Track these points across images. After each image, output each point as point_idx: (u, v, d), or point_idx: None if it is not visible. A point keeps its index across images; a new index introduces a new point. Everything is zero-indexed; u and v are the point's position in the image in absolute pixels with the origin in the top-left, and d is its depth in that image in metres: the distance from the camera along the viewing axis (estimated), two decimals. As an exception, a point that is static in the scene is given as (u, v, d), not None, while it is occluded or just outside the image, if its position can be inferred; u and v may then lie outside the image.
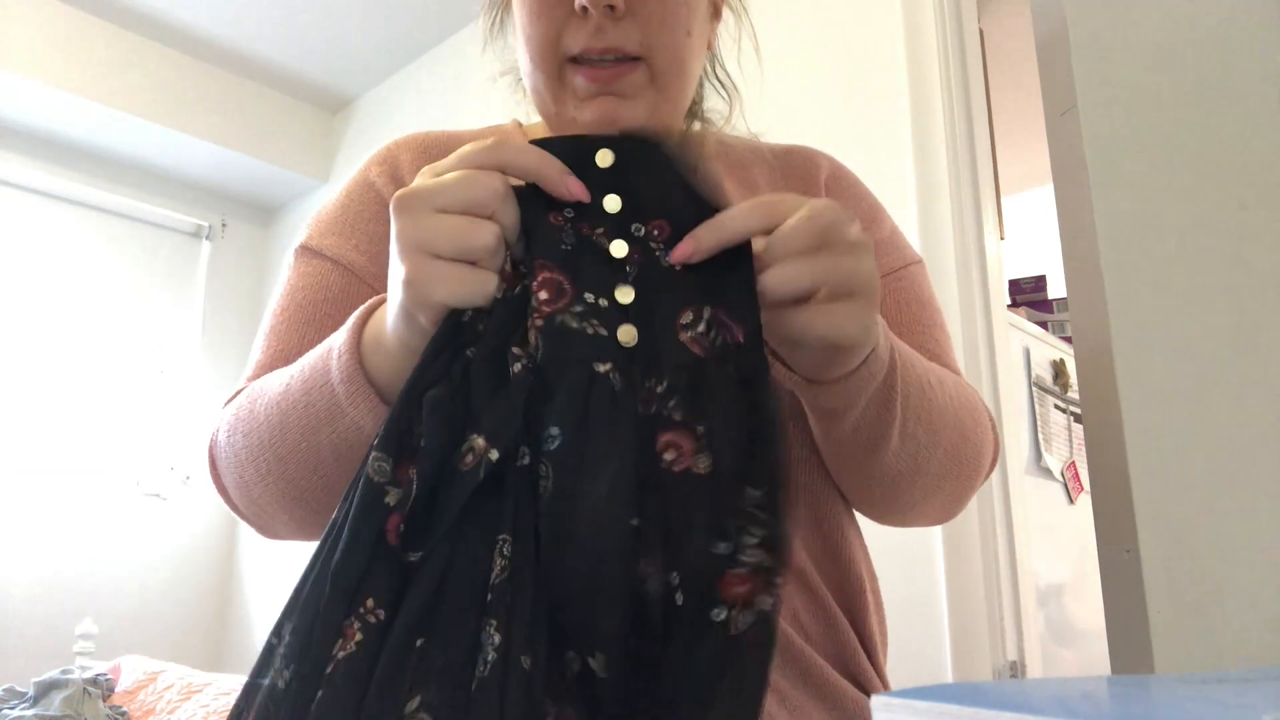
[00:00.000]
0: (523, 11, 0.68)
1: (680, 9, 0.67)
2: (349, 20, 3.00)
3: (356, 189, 0.76)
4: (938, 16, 1.69)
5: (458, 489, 0.42)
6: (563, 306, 0.45)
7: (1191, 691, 0.28)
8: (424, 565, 0.42)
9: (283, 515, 0.64)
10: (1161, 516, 0.68)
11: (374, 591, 0.41)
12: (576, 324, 0.44)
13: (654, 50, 0.66)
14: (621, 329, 0.45)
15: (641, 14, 0.65)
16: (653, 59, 0.67)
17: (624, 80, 0.66)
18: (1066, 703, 0.27)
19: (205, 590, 3.36)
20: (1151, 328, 0.72)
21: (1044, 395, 2.04)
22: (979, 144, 1.66)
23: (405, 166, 0.76)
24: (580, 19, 0.65)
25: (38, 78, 2.86)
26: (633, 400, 0.43)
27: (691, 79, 0.72)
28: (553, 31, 0.66)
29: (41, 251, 3.19)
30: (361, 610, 0.41)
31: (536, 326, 0.44)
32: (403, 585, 0.42)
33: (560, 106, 0.69)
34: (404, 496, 0.42)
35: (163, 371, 3.52)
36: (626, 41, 0.65)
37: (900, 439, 0.60)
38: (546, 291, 0.45)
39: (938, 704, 0.26)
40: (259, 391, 0.63)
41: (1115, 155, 0.77)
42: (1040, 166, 2.89)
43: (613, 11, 0.64)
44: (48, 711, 1.96)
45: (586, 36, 0.65)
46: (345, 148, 3.48)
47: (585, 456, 0.42)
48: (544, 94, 0.69)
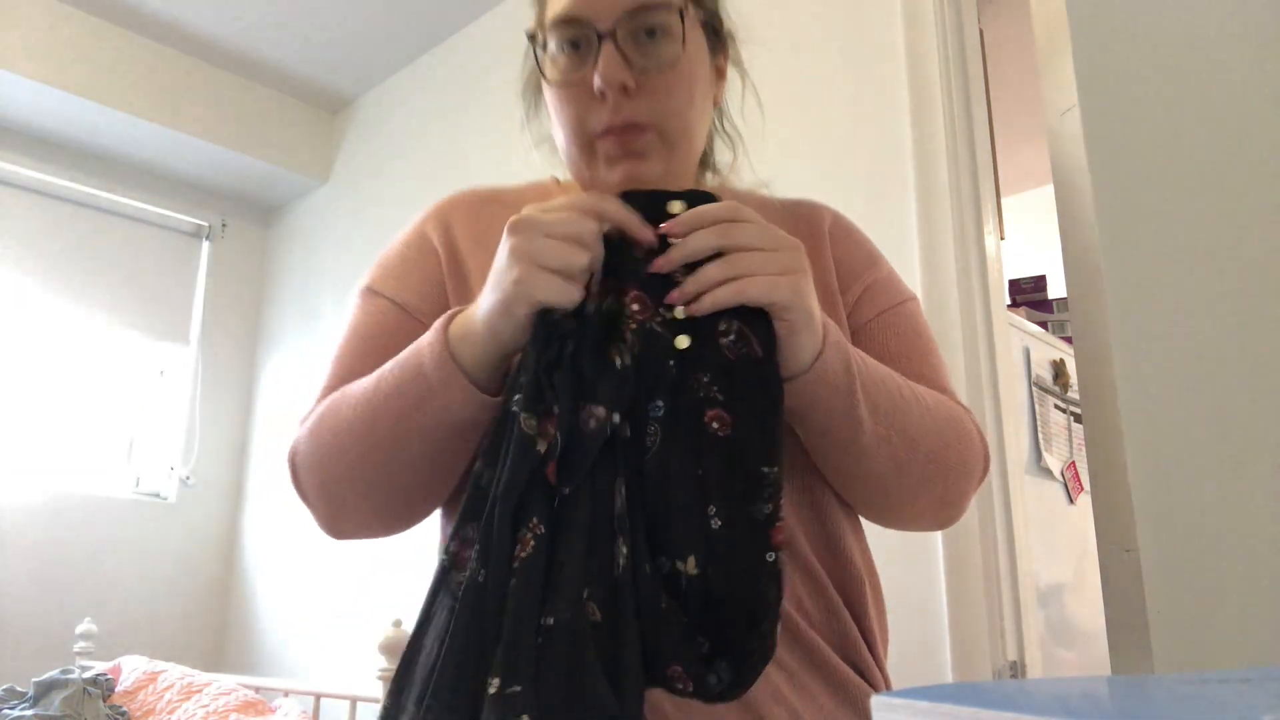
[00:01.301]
0: (553, 99, 0.84)
1: (683, 83, 0.82)
2: (349, 20, 3.00)
3: (413, 240, 0.92)
4: (938, 16, 1.69)
5: (590, 443, 0.60)
6: (648, 316, 0.64)
7: (1191, 691, 0.28)
8: (575, 497, 0.59)
9: (362, 505, 0.78)
10: (1161, 516, 0.68)
11: (536, 513, 0.59)
12: (660, 329, 0.64)
13: (663, 119, 0.81)
14: (679, 337, 0.64)
15: (649, 90, 0.80)
16: (662, 126, 0.81)
17: (640, 144, 0.81)
18: (1066, 703, 0.27)
19: (205, 590, 3.36)
20: (1151, 328, 0.72)
21: (1044, 395, 2.04)
22: (979, 144, 1.66)
23: (457, 222, 0.92)
24: (600, 100, 0.79)
25: (38, 78, 2.86)
26: (689, 387, 0.63)
27: (698, 137, 0.87)
28: (579, 113, 0.81)
29: (41, 251, 3.19)
30: (529, 525, 0.58)
31: (632, 330, 0.63)
32: (554, 510, 0.59)
33: (592, 172, 0.83)
34: (552, 446, 0.59)
35: (163, 372, 3.52)
36: (639, 114, 0.80)
37: (874, 441, 0.72)
38: (638, 305, 0.64)
39: (938, 704, 0.26)
40: (341, 399, 0.78)
41: (1115, 155, 0.77)
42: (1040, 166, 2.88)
43: (625, 92, 0.79)
44: (48, 711, 1.96)
45: (607, 115, 0.79)
46: (345, 148, 3.48)
47: (676, 423, 0.62)
48: (578, 162, 0.84)
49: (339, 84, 3.39)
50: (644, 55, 0.79)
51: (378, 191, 3.22)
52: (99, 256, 3.33)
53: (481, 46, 2.91)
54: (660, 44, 0.80)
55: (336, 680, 2.59)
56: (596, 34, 0.78)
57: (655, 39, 0.80)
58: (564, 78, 0.81)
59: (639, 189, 0.71)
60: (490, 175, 3.05)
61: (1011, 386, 1.59)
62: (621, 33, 0.78)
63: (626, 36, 0.79)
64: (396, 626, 1.71)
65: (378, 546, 2.72)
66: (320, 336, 3.30)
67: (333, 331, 3.23)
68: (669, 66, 0.80)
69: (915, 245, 1.63)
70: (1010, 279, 2.43)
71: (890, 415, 0.72)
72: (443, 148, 2.96)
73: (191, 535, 3.36)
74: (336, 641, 2.80)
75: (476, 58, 2.92)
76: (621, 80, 0.78)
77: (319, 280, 3.40)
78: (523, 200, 0.86)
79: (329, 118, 3.59)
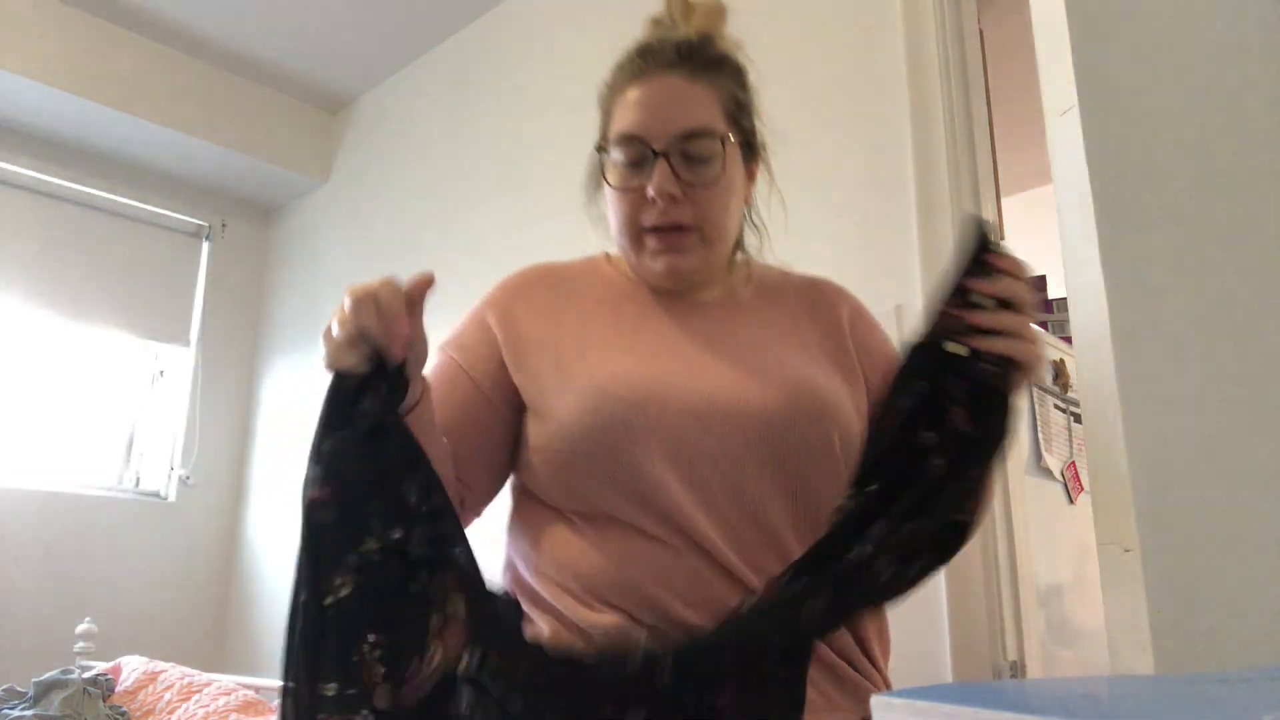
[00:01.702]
0: (612, 197, 1.00)
1: (721, 193, 0.98)
2: (349, 20, 3.00)
3: (478, 316, 1.06)
4: (938, 16, 1.69)
5: None
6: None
7: (1191, 691, 0.28)
8: None
9: None
10: (1161, 516, 0.68)
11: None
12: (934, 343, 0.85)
13: (703, 223, 0.97)
14: (956, 345, 0.81)
15: (693, 199, 0.96)
16: (703, 229, 0.98)
17: (683, 242, 0.98)
18: (1066, 703, 0.27)
19: (205, 590, 3.36)
20: (1151, 328, 0.72)
21: (1044, 395, 2.04)
22: (979, 144, 1.66)
23: (519, 308, 1.04)
24: (651, 204, 0.96)
25: (38, 78, 2.86)
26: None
27: (732, 234, 1.03)
28: (633, 212, 0.98)
29: (42, 251, 3.19)
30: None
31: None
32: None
33: (639, 259, 1.00)
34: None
35: (162, 372, 3.52)
36: (682, 217, 0.96)
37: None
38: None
39: (938, 704, 0.26)
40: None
41: (1114, 155, 0.77)
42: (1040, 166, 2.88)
43: (673, 200, 0.95)
44: (48, 712, 1.96)
45: (655, 215, 0.96)
46: (345, 148, 3.48)
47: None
48: (628, 250, 1.01)
49: (339, 84, 3.39)
50: (690, 173, 0.96)
51: (378, 191, 3.22)
52: (99, 256, 3.33)
53: (481, 46, 2.91)
54: (704, 166, 0.96)
55: (336, 680, 2.59)
56: (653, 151, 0.95)
57: (701, 161, 0.96)
58: (623, 184, 0.97)
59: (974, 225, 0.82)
60: (489, 175, 3.04)
61: (1011, 386, 1.59)
62: (673, 153, 0.95)
63: (677, 156, 0.95)
64: (396, 626, 1.71)
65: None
66: (320, 335, 3.30)
67: (333, 331, 3.23)
68: (711, 183, 0.96)
69: (915, 245, 1.63)
70: (1010, 279, 2.42)
71: None
72: (443, 148, 2.96)
73: (191, 535, 3.36)
74: (336, 641, 2.80)
75: (476, 58, 2.92)
76: (671, 192, 0.94)
77: (319, 280, 3.40)
78: (578, 275, 1.08)
79: (329, 118, 3.59)
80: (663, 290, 1.03)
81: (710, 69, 0.99)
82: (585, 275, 1.08)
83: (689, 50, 0.99)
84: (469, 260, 2.69)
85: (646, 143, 0.96)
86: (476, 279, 3.08)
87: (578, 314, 1.02)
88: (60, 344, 3.25)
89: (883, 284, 1.67)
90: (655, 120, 0.96)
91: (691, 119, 0.96)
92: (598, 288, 1.06)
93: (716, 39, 1.04)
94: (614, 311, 1.02)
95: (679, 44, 0.99)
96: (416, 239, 2.93)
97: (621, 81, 1.00)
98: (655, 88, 0.97)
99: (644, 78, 0.98)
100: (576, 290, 1.05)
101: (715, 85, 0.99)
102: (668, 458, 0.88)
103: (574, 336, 0.99)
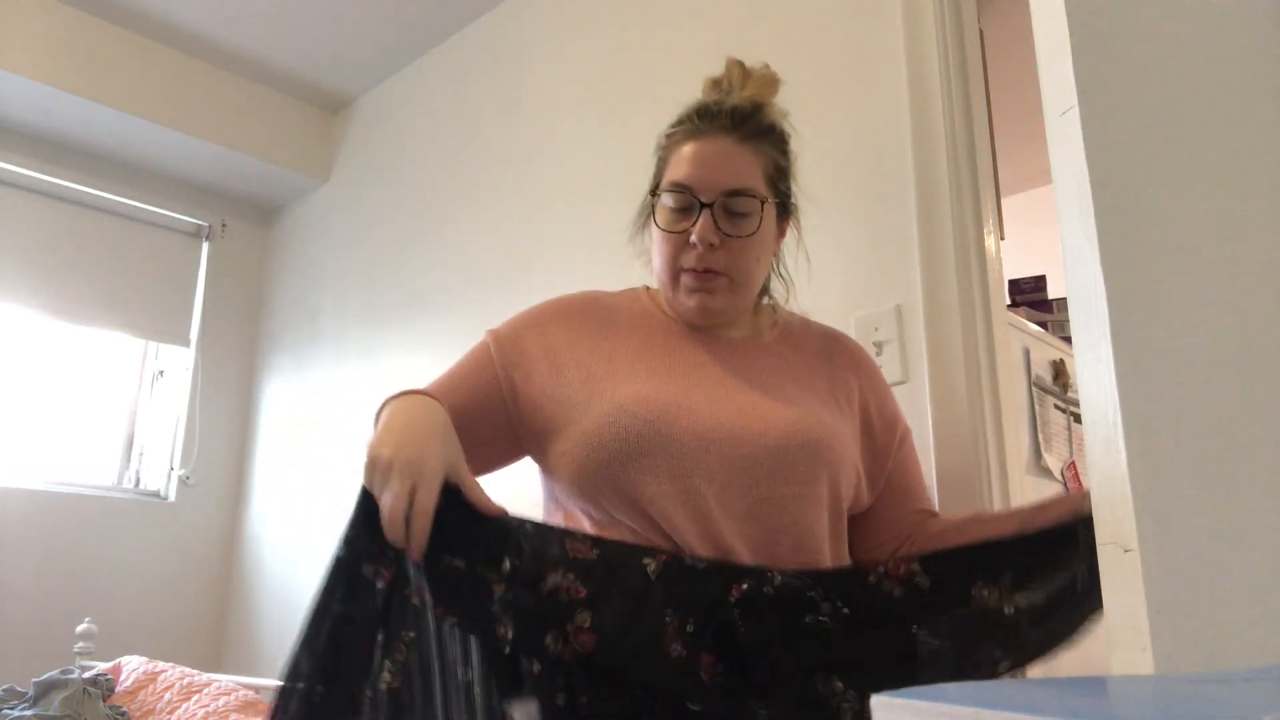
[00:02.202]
0: (658, 236, 1.14)
1: (753, 249, 1.11)
2: (349, 20, 3.00)
3: (527, 327, 1.19)
4: (938, 16, 1.69)
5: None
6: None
7: (1191, 691, 0.28)
8: None
9: None
10: (1161, 516, 0.68)
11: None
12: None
13: (735, 271, 1.11)
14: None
15: (729, 248, 1.09)
16: (733, 276, 1.11)
17: (715, 285, 1.11)
18: (1066, 703, 0.27)
19: (205, 590, 3.36)
20: (1151, 328, 0.72)
21: (1044, 395, 2.04)
22: (979, 144, 1.66)
23: (559, 328, 1.17)
24: (692, 248, 1.09)
25: (38, 78, 2.86)
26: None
27: (758, 282, 1.17)
28: (675, 253, 1.12)
29: (41, 251, 3.19)
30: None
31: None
32: None
33: (675, 295, 1.14)
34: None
35: (162, 372, 3.52)
36: (716, 264, 1.10)
37: None
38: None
39: (938, 704, 0.26)
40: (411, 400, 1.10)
41: (1115, 155, 0.77)
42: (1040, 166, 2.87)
43: (712, 247, 1.08)
44: (48, 711, 1.96)
45: (694, 259, 1.10)
46: (345, 148, 3.48)
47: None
48: (666, 285, 1.15)
49: (339, 84, 3.39)
50: (731, 226, 1.09)
51: (378, 191, 3.22)
52: (99, 256, 3.33)
53: (481, 46, 2.91)
54: (743, 220, 1.10)
55: (336, 680, 2.59)
56: (700, 202, 1.08)
57: (740, 216, 1.09)
58: (670, 227, 1.11)
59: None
60: (489, 175, 3.04)
61: (1011, 386, 1.59)
62: (717, 205, 1.08)
63: (720, 209, 1.09)
64: (396, 626, 1.71)
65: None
66: (320, 335, 3.30)
67: (333, 330, 3.23)
68: (746, 236, 1.10)
69: (915, 245, 1.63)
70: (1010, 279, 2.43)
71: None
72: (443, 148, 2.96)
73: (191, 535, 3.36)
74: (336, 641, 2.80)
75: (477, 58, 2.92)
76: (711, 240, 1.08)
77: (319, 280, 3.40)
78: (619, 304, 1.22)
79: (329, 118, 3.59)
80: (693, 325, 1.16)
81: (758, 136, 1.12)
82: (626, 305, 1.23)
83: (742, 117, 1.12)
84: (469, 260, 2.69)
85: (695, 194, 1.09)
86: (476, 279, 3.09)
87: (614, 340, 1.15)
88: (60, 344, 3.25)
89: (883, 284, 1.67)
90: (705, 175, 1.09)
91: (737, 179, 1.09)
92: (635, 317, 1.20)
93: (767, 108, 1.17)
94: (647, 340, 1.16)
95: (734, 110, 1.12)
96: (416, 239, 2.93)
97: (680, 137, 1.13)
98: (708, 147, 1.10)
99: (700, 137, 1.11)
100: (616, 319, 1.19)
101: (760, 151, 1.12)
102: (669, 471, 1.00)
103: (607, 359, 1.13)
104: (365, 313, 3.09)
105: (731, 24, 2.11)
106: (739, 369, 1.12)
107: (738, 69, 1.18)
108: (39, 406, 3.16)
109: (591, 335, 1.15)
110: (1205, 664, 0.64)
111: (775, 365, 1.15)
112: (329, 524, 2.95)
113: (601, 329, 1.17)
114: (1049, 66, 0.85)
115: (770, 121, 1.16)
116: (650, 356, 1.12)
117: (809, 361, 1.19)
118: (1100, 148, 0.77)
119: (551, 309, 1.20)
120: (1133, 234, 0.75)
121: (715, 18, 2.15)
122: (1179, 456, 0.69)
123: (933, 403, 1.54)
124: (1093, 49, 0.80)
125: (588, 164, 2.33)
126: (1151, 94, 0.76)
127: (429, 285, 2.81)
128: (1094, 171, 0.77)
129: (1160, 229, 0.74)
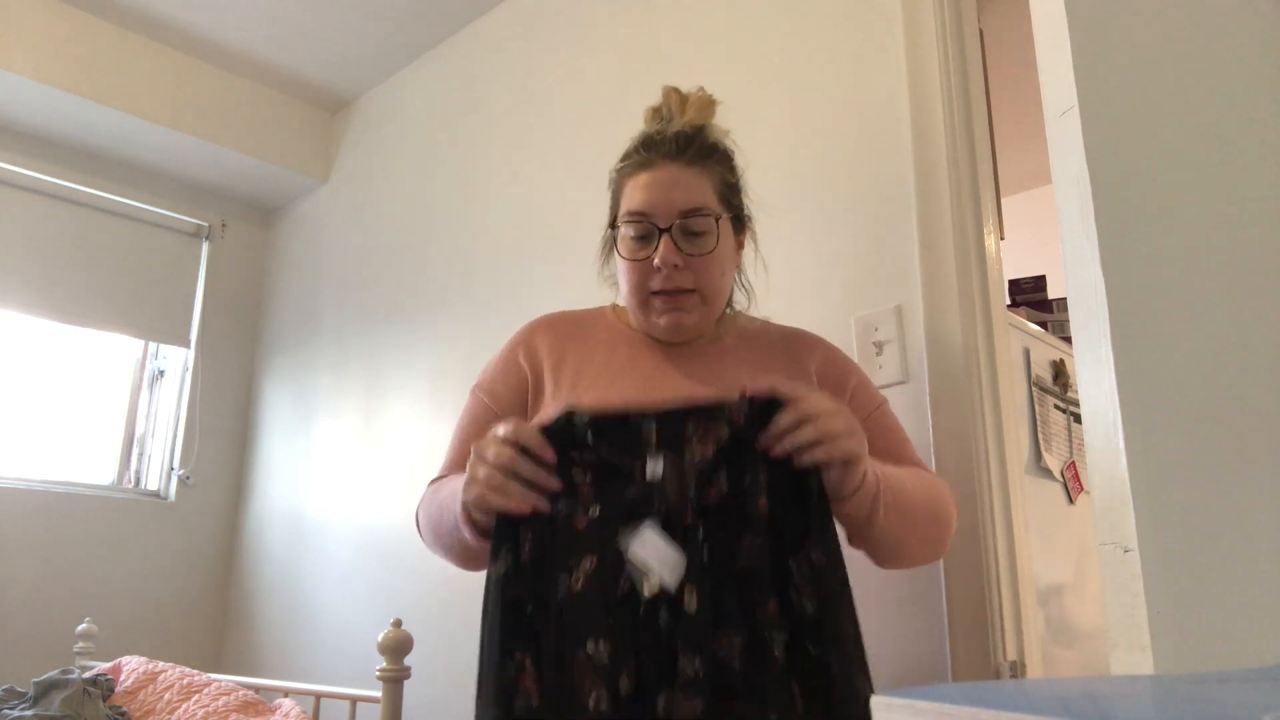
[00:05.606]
0: (623, 265, 1.20)
1: (716, 263, 1.17)
2: (349, 20, 3.00)
3: (509, 355, 1.29)
4: (938, 16, 1.69)
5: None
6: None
7: (1191, 691, 0.28)
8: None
9: (448, 559, 1.21)
10: (1161, 516, 0.68)
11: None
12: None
13: (701, 286, 1.17)
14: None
15: (693, 266, 1.16)
16: (702, 291, 1.18)
17: (686, 303, 1.18)
18: (1066, 703, 0.27)
19: (205, 590, 3.36)
20: (1151, 328, 0.72)
21: (1044, 395, 2.04)
22: (979, 144, 1.66)
23: (540, 345, 1.27)
24: (657, 271, 1.15)
25: (38, 78, 2.86)
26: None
27: (725, 294, 1.24)
28: (641, 279, 1.18)
29: (41, 251, 3.19)
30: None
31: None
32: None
33: (646, 318, 1.21)
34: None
35: (162, 372, 3.52)
36: (685, 283, 1.16)
37: (885, 523, 1.05)
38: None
39: (938, 704, 0.26)
40: (437, 489, 1.21)
41: (1115, 155, 0.77)
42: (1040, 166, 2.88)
43: (676, 268, 1.15)
44: (48, 712, 1.96)
45: (660, 281, 1.16)
46: (345, 148, 3.48)
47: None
48: (636, 310, 1.22)
49: (339, 84, 3.39)
50: (690, 245, 1.15)
51: (378, 191, 3.22)
52: (99, 256, 3.33)
53: (482, 47, 2.91)
54: (701, 239, 1.16)
55: (336, 680, 2.59)
56: (658, 228, 1.15)
57: (698, 234, 1.15)
58: (633, 255, 1.17)
59: (753, 397, 1.00)
60: (489, 175, 3.03)
61: (1011, 386, 1.59)
62: (675, 228, 1.15)
63: (679, 231, 1.15)
64: (396, 626, 1.71)
65: (378, 548, 2.72)
66: (320, 335, 3.30)
67: (332, 330, 3.23)
68: (707, 253, 1.16)
69: (915, 245, 1.63)
70: (1010, 279, 2.43)
71: (895, 504, 1.06)
72: (442, 148, 2.96)
73: (191, 535, 3.36)
74: (336, 641, 2.80)
75: (477, 58, 2.92)
76: (674, 262, 1.14)
77: (319, 280, 3.40)
78: (587, 320, 1.30)
79: (329, 118, 3.59)
80: (663, 341, 1.23)
81: (704, 157, 1.18)
82: (593, 320, 1.30)
83: (686, 142, 1.17)
84: (469, 260, 2.69)
85: (652, 220, 1.15)
86: (476, 279, 3.09)
87: (582, 351, 1.23)
88: (60, 343, 3.25)
89: (883, 284, 1.67)
90: (659, 201, 1.15)
91: (689, 200, 1.15)
92: (601, 331, 1.27)
93: (707, 129, 1.21)
94: (610, 351, 1.23)
95: (677, 135, 1.18)
96: (416, 239, 2.93)
97: (630, 169, 1.20)
98: (658, 174, 1.16)
99: (649, 166, 1.17)
100: (584, 332, 1.27)
101: (708, 171, 1.18)
102: None
103: (574, 369, 1.21)
104: (365, 313, 3.08)
105: (731, 24, 2.12)
106: (696, 371, 1.20)
107: (675, 95, 1.23)
108: (39, 406, 3.16)
109: (563, 347, 1.25)
110: (1205, 664, 0.64)
111: (733, 364, 1.22)
112: (329, 524, 2.95)
113: (571, 343, 1.26)
114: (1049, 66, 0.85)
115: (713, 141, 1.21)
116: (614, 366, 1.21)
117: (767, 353, 1.25)
118: (1100, 148, 0.77)
119: (532, 329, 1.30)
120: (1133, 234, 0.75)
121: (715, 18, 2.15)
122: (1179, 456, 0.69)
123: (933, 403, 1.54)
124: (1093, 49, 0.80)
125: (588, 164, 2.33)
126: (1151, 94, 0.76)
127: (428, 285, 2.81)
128: (1094, 171, 0.77)
129: (1160, 229, 0.74)
